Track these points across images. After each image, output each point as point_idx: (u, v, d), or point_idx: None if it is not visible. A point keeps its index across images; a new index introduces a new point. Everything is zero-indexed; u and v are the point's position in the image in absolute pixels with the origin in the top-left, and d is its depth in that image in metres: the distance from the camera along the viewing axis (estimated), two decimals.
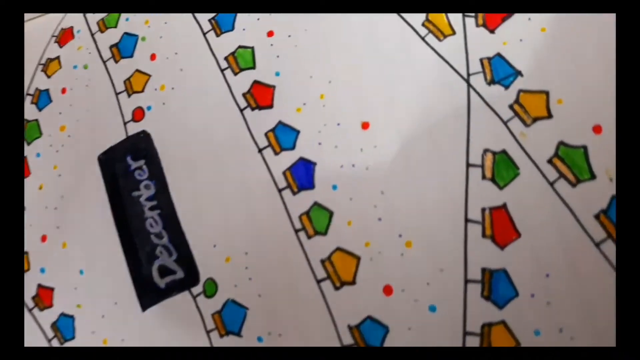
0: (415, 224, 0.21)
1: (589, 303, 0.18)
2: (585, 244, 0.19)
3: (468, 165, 0.21)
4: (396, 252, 0.21)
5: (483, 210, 0.20)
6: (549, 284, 0.19)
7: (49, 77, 0.29)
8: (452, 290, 0.20)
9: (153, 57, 0.27)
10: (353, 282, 0.21)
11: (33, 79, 0.29)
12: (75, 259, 0.26)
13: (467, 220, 0.20)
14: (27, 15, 0.31)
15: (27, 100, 0.29)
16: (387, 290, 0.21)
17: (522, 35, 0.21)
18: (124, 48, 0.28)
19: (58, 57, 0.29)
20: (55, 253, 0.26)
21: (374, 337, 0.20)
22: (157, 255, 0.24)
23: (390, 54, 0.23)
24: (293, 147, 0.23)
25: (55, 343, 0.25)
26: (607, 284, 0.18)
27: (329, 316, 0.21)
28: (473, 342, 0.19)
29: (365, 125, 0.22)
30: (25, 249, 0.27)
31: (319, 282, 0.22)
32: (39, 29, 0.30)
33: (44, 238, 0.26)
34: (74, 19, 0.30)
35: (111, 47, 0.28)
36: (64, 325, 0.25)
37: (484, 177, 0.20)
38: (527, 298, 0.19)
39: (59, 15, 0.30)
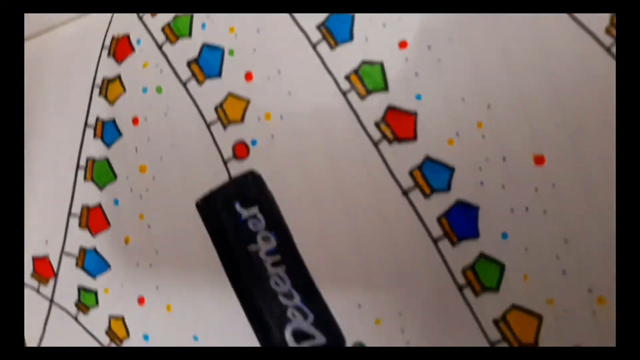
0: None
1: None
2: None
3: None
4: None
5: None
6: None
7: (111, 103, 0.23)
8: None
9: (248, 76, 0.22)
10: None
11: (90, 105, 0.24)
12: (185, 324, 0.22)
13: None
14: (52, 20, 0.25)
15: (88, 133, 0.24)
16: None
17: None
18: (206, 65, 0.22)
19: (119, 77, 0.23)
20: (158, 316, 0.23)
21: None
22: (289, 319, 0.21)
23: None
24: (448, 188, 0.19)
25: None
26: None
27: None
28: None
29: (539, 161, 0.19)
30: (122, 313, 0.23)
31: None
32: (79, 36, 0.25)
33: (141, 300, 0.23)
34: (125, 23, 0.24)
35: (189, 63, 0.23)
36: None
37: None
38: None
39: (102, 18, 0.24)
